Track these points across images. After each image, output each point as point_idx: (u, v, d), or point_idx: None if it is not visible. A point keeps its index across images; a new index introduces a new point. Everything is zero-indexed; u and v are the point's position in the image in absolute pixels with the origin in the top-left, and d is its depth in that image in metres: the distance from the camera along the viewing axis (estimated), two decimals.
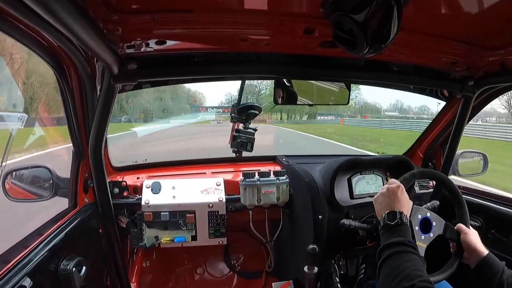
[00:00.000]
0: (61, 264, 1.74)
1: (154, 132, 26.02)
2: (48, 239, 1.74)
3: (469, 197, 2.61)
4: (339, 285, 2.52)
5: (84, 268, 1.86)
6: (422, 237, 1.84)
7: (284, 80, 2.34)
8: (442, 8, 1.51)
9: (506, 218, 2.34)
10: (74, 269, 1.77)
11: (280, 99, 2.35)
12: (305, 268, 2.10)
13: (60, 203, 2.14)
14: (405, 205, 1.68)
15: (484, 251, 1.77)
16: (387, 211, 1.64)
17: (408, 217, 1.61)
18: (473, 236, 1.83)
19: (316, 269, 2.11)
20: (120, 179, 2.62)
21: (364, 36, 1.34)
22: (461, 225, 1.89)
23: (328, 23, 1.42)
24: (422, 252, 1.81)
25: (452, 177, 2.67)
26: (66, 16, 1.00)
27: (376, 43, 1.38)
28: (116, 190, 2.56)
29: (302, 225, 2.52)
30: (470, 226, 1.91)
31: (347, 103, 2.47)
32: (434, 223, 1.87)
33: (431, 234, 1.85)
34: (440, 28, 1.73)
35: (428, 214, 1.88)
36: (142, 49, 1.69)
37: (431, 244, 1.84)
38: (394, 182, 1.77)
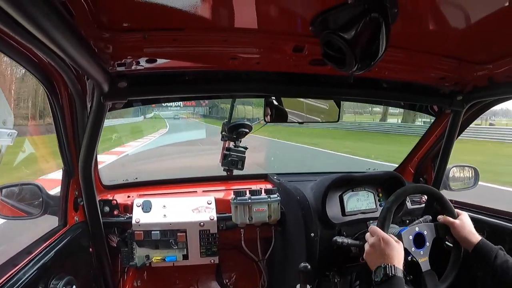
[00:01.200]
0: (51, 283, 1.73)
1: None
2: (37, 257, 1.74)
3: (462, 211, 2.64)
4: None
5: (74, 287, 1.86)
6: (421, 252, 1.90)
7: (274, 98, 2.37)
8: (429, 25, 1.55)
9: (499, 230, 2.39)
10: None
11: (270, 117, 2.38)
12: (298, 286, 2.12)
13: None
14: (390, 254, 1.70)
15: (476, 238, 1.88)
16: (375, 267, 1.67)
17: (395, 267, 1.62)
18: (461, 228, 1.92)
19: (309, 287, 2.13)
20: (111, 198, 2.62)
21: (353, 53, 1.36)
22: (447, 218, 1.96)
23: (317, 41, 1.45)
24: (427, 266, 1.89)
25: (444, 192, 2.72)
26: (57, 34, 1.02)
27: (365, 60, 1.41)
28: (107, 208, 2.56)
29: (294, 243, 2.53)
30: (459, 212, 2.00)
31: (337, 121, 2.53)
32: (425, 232, 1.94)
33: (427, 244, 1.92)
34: (428, 44, 1.78)
35: (417, 229, 1.94)
36: (133, 67, 1.72)
37: (434, 250, 1.91)
38: (374, 232, 1.80)
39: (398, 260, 1.66)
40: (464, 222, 1.94)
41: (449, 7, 1.39)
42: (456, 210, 2.02)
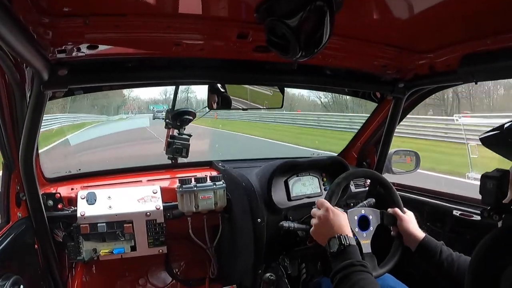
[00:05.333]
0: None
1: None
2: None
3: (404, 193, 2.83)
4: (289, 287, 2.62)
5: (21, 287, 1.85)
6: (364, 234, 2.01)
7: (218, 85, 2.42)
8: (373, 14, 1.65)
9: (439, 211, 2.58)
10: None
11: (215, 104, 2.44)
12: None
13: None
14: (341, 224, 1.77)
15: (420, 235, 1.97)
16: (327, 239, 1.72)
17: (348, 236, 1.69)
18: (407, 222, 2.02)
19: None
20: (54, 191, 2.59)
21: (297, 40, 1.44)
22: (395, 210, 2.07)
23: (262, 28, 1.52)
24: (368, 249, 1.99)
25: (386, 175, 2.90)
26: None
27: (309, 48, 1.49)
28: (50, 202, 2.52)
29: (241, 229, 2.65)
30: (405, 209, 2.10)
31: (281, 107, 2.61)
32: (370, 217, 2.05)
33: (371, 228, 2.03)
34: (372, 33, 1.89)
35: (363, 211, 2.05)
36: (74, 54, 1.69)
37: (376, 236, 2.02)
38: (321, 205, 1.87)
39: (348, 230, 1.75)
40: (411, 217, 2.06)
41: None
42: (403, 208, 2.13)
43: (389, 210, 2.10)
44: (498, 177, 1.57)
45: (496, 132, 1.52)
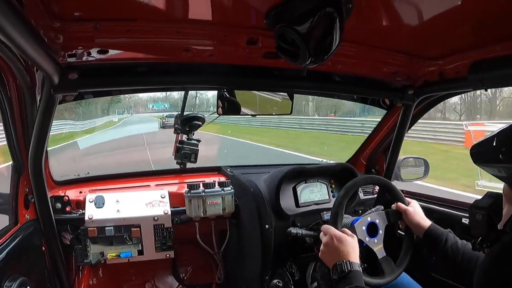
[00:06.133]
0: (4, 286, 1.71)
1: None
2: None
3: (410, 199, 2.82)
4: None
5: None
6: (375, 240, 2.02)
7: (227, 90, 2.42)
8: (383, 21, 1.66)
9: (448, 218, 2.57)
10: None
11: (223, 109, 2.41)
12: None
13: None
14: (346, 249, 1.77)
15: (426, 223, 2.01)
16: (331, 265, 1.75)
17: (351, 262, 1.69)
18: (413, 214, 2.06)
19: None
20: (62, 194, 2.62)
21: (306, 47, 1.44)
22: (399, 204, 2.09)
23: (272, 34, 1.53)
24: (382, 253, 2.01)
25: (395, 182, 2.89)
26: (5, 23, 1.02)
27: (319, 54, 1.50)
28: (58, 205, 2.55)
29: (249, 235, 2.64)
30: (408, 199, 2.13)
31: (290, 113, 2.60)
32: (377, 221, 2.05)
33: (380, 231, 2.05)
34: (381, 40, 1.89)
35: (369, 218, 2.05)
36: (84, 58, 1.71)
37: (387, 237, 2.04)
38: (327, 231, 1.89)
39: (353, 256, 1.75)
40: (415, 209, 2.08)
41: (402, 5, 1.50)
42: (406, 198, 2.16)
43: (393, 206, 2.13)
44: (486, 207, 1.53)
45: (487, 146, 1.42)
